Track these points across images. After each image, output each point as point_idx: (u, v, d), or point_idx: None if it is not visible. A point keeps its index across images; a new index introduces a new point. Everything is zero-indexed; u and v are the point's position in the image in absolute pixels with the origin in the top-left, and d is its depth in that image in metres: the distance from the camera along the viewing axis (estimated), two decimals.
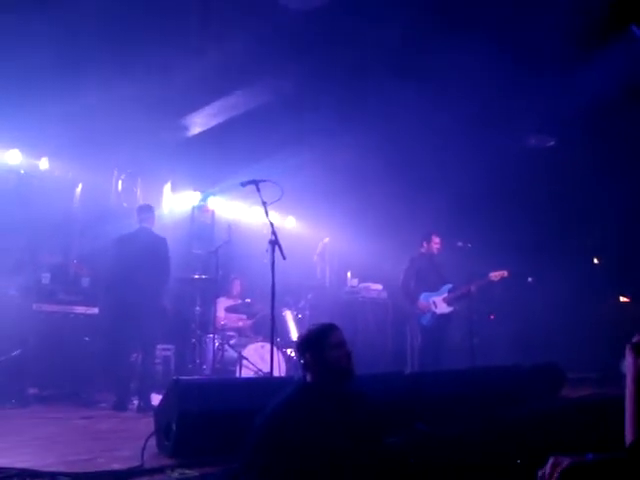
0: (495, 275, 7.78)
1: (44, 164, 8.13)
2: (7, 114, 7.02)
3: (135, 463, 3.72)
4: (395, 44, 7.19)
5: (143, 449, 3.88)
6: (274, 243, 5.25)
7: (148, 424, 4.43)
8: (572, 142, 9.17)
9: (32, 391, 6.58)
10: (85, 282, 7.63)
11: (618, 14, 6.59)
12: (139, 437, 4.12)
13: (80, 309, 7.23)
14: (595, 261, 10.76)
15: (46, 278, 7.28)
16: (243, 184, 5.51)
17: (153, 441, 4.14)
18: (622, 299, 10.49)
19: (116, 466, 3.71)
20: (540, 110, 8.21)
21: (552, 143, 9.68)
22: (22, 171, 8.00)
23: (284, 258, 5.23)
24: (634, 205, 9.17)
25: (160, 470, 3.63)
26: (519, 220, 9.77)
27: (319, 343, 3.28)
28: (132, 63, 6.74)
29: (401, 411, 4.48)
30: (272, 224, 5.30)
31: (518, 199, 9.72)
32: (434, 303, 7.86)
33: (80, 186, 8.64)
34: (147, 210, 7.07)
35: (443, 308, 7.85)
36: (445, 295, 7.88)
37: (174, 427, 3.96)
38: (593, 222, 10.16)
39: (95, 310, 7.23)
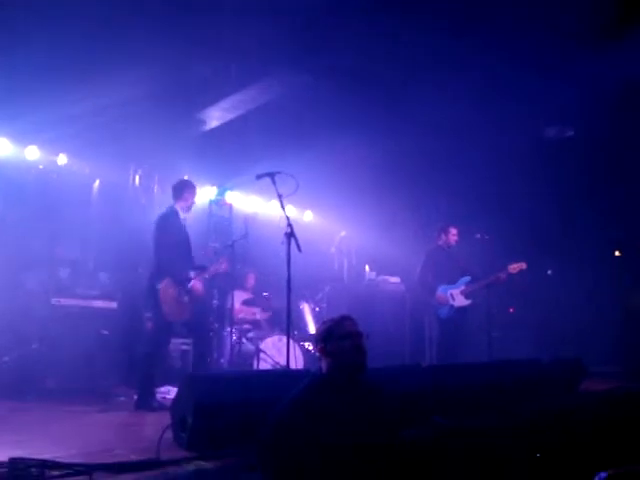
0: (514, 267, 7.67)
1: (62, 160, 8.18)
2: (25, 111, 7.08)
3: (152, 455, 3.73)
4: (413, 40, 7.11)
5: (159, 441, 3.89)
6: (290, 235, 5.25)
7: (164, 417, 4.45)
8: (592, 132, 9.04)
9: (50, 384, 6.64)
10: (103, 277, 7.68)
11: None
12: (156, 430, 4.13)
13: (98, 303, 7.26)
14: (616, 253, 10.59)
15: (64, 273, 7.34)
16: (258, 177, 5.52)
17: (169, 434, 4.16)
18: None
19: (133, 458, 3.73)
20: (559, 100, 8.09)
21: (571, 133, 9.56)
22: (41, 167, 8.08)
23: (300, 250, 5.23)
24: None
25: (176, 462, 3.66)
26: (538, 212, 9.65)
27: (331, 333, 3.25)
28: (148, 58, 6.75)
29: (418, 404, 4.44)
30: (288, 217, 5.32)
31: (537, 190, 9.60)
32: (452, 296, 7.79)
33: (97, 182, 8.69)
34: (174, 189, 6.47)
35: (461, 301, 7.79)
36: (463, 287, 7.81)
37: (189, 420, 3.96)
38: (613, 214, 10.03)
39: (113, 304, 7.25)
